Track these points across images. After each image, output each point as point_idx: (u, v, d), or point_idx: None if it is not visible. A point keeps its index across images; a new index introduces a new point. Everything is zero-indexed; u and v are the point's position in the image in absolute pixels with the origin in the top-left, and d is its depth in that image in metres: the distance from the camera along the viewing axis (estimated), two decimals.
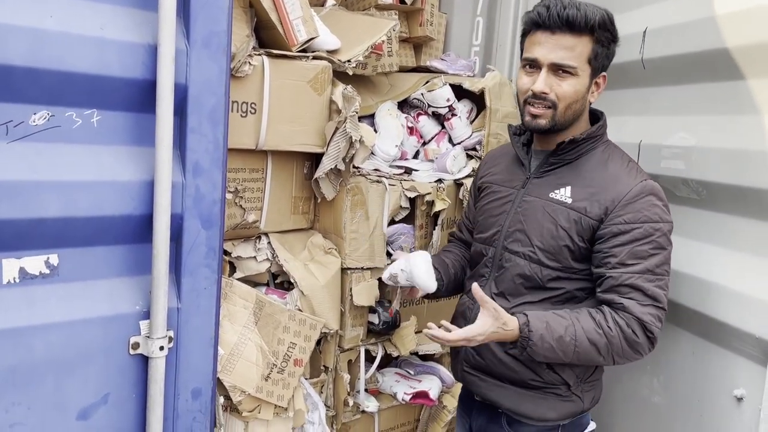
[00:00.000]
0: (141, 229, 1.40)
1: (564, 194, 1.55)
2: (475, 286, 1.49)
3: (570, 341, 1.44)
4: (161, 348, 1.42)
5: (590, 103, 1.59)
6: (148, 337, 1.41)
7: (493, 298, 1.61)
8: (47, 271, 1.34)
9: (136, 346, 1.42)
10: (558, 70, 1.50)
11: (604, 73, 1.56)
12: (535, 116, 1.55)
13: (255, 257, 2.02)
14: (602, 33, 1.50)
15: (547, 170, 1.61)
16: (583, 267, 1.54)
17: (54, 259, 1.34)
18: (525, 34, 1.58)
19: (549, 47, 1.50)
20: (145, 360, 1.43)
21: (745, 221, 1.57)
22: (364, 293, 2.13)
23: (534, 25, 1.53)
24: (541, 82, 1.51)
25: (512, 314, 1.57)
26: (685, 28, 1.75)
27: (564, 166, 1.59)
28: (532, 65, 1.54)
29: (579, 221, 1.51)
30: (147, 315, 1.42)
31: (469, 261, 1.86)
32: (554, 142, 1.59)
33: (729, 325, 1.57)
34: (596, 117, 1.64)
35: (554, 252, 1.55)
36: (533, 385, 1.59)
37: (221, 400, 1.77)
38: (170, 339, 1.45)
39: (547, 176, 1.60)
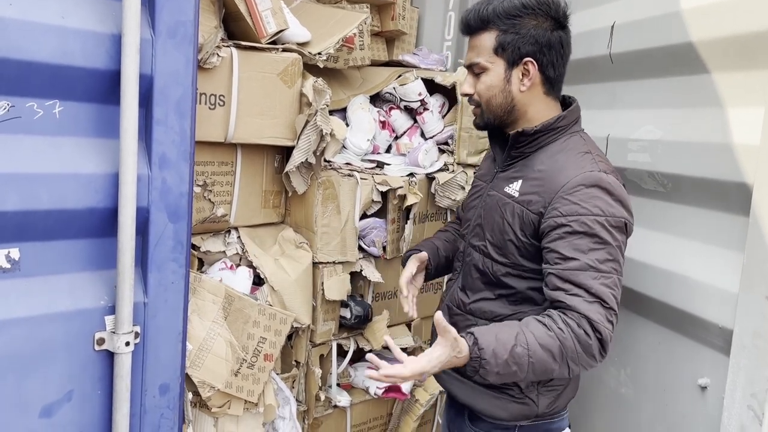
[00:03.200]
0: (105, 222, 1.38)
1: (514, 188, 1.52)
2: (437, 316, 1.36)
3: (522, 351, 1.32)
4: (127, 343, 1.40)
5: (522, 92, 1.51)
6: (114, 332, 1.39)
7: (458, 293, 1.64)
8: (8, 266, 1.30)
9: (101, 341, 1.39)
10: (474, 70, 1.54)
11: (528, 59, 1.48)
12: (474, 116, 1.62)
13: (224, 252, 2.00)
14: (504, 21, 1.47)
15: (508, 164, 1.58)
16: (534, 266, 1.49)
17: (15, 253, 1.31)
18: None
19: (467, 51, 1.58)
20: (110, 356, 1.41)
21: (708, 213, 1.59)
22: (336, 287, 2.13)
23: (463, 34, 1.61)
24: (465, 83, 1.58)
25: (470, 311, 1.59)
26: (651, 22, 1.77)
27: (522, 159, 1.55)
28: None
29: (522, 215, 1.48)
30: (112, 310, 1.40)
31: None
32: None
33: (693, 316, 1.60)
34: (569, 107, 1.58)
35: (501, 246, 1.52)
36: (490, 384, 1.52)
37: (190, 395, 1.75)
38: (137, 334, 1.42)
39: (507, 170, 1.58)
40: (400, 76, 2.46)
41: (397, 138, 2.51)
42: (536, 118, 1.53)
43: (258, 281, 2.02)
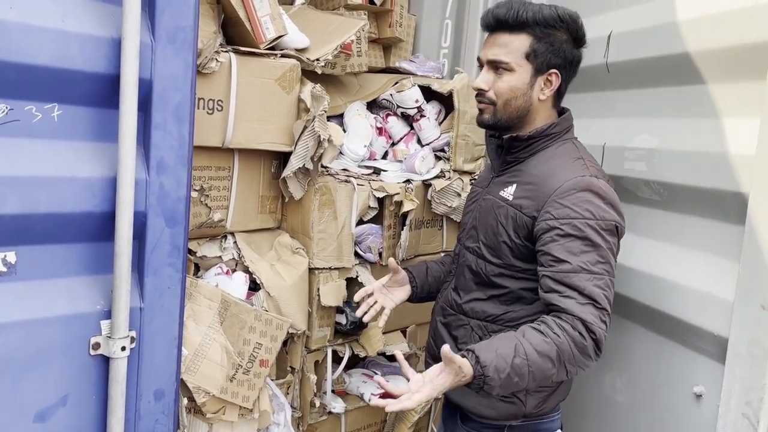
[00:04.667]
0: (103, 226, 1.37)
1: (509, 192, 1.57)
2: (445, 348, 1.34)
3: (522, 362, 1.34)
4: (123, 348, 1.39)
5: (540, 100, 1.57)
6: (110, 337, 1.38)
7: (451, 294, 1.69)
8: (4, 269, 1.30)
9: (96, 346, 1.39)
10: (497, 67, 1.55)
11: (554, 71, 1.55)
12: (480, 111, 1.62)
13: (221, 257, 2.00)
14: (541, 29, 1.51)
15: (503, 169, 1.64)
16: (528, 266, 1.53)
17: (11, 256, 1.30)
18: None
19: (488, 46, 1.58)
20: (106, 360, 1.40)
21: (704, 221, 1.61)
22: (332, 293, 2.12)
23: (483, 29, 1.62)
24: (479, 79, 1.59)
25: (463, 312, 1.64)
26: (648, 32, 1.78)
27: (517, 164, 1.60)
28: (481, 65, 1.61)
29: (515, 217, 1.53)
30: (108, 315, 1.39)
31: None
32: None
33: (689, 323, 1.61)
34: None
35: (495, 248, 1.57)
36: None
37: (185, 401, 1.74)
38: (132, 339, 1.42)
39: (503, 175, 1.63)
40: (397, 83, 2.46)
41: (393, 144, 2.51)
42: (537, 123, 1.60)
43: (254, 287, 2.02)
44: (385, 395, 2.21)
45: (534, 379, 1.37)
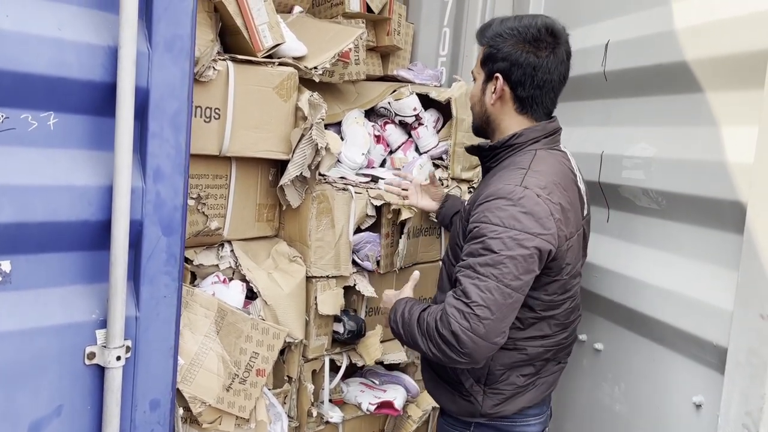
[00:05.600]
0: (98, 235, 1.37)
1: (469, 198, 1.65)
2: (416, 273, 1.79)
3: (406, 319, 1.55)
4: (118, 358, 1.38)
5: (492, 105, 1.60)
6: (105, 346, 1.37)
7: (437, 290, 1.81)
8: None
9: (91, 356, 1.38)
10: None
11: (497, 74, 1.56)
12: None
13: (217, 265, 1.99)
14: (492, 39, 1.59)
15: (483, 178, 1.71)
16: None
17: (6, 265, 1.30)
18: None
19: None
20: (101, 370, 1.39)
21: (703, 230, 1.60)
22: (329, 302, 2.11)
23: None
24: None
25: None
26: (646, 41, 1.79)
27: (488, 173, 1.66)
28: None
29: (461, 220, 1.61)
30: (104, 324, 1.38)
31: None
32: None
33: (688, 333, 1.60)
34: None
35: (453, 249, 1.66)
36: (445, 378, 1.67)
37: (180, 411, 1.73)
38: (128, 348, 1.41)
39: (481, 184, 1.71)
40: (395, 90, 2.46)
41: (391, 152, 2.51)
42: (506, 133, 1.62)
43: (251, 295, 2.01)
44: (383, 405, 2.21)
45: (406, 335, 1.55)
